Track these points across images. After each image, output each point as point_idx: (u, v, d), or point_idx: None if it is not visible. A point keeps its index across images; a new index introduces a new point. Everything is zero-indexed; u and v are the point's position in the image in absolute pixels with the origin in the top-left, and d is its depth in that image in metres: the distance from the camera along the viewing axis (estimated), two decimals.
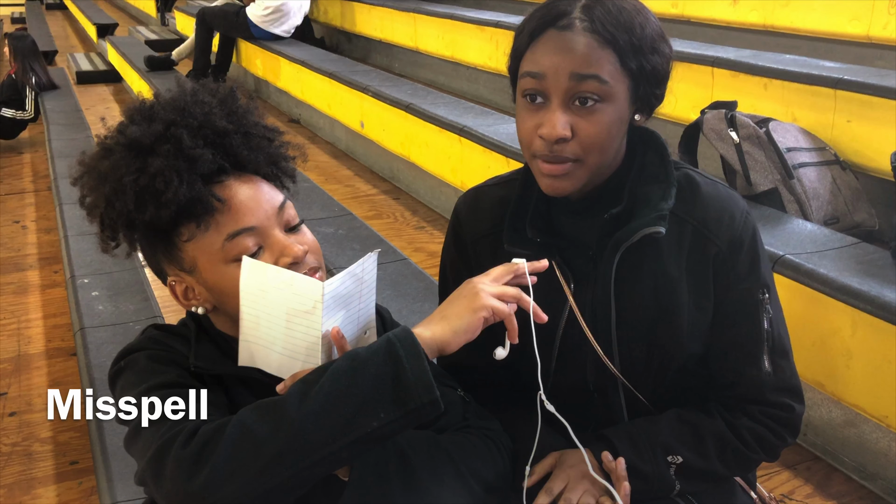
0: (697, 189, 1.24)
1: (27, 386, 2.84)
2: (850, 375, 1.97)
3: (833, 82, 2.79)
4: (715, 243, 1.21)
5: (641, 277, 1.22)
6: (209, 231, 1.06)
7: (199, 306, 1.11)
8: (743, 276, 1.22)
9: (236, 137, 1.10)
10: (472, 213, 1.34)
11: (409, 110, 4.09)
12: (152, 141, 1.06)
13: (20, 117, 6.18)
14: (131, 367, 1.08)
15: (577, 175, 1.17)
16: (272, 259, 1.05)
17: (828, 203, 2.54)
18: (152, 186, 1.04)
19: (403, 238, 3.64)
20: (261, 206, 1.08)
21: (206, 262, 1.07)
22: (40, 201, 4.92)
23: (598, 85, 1.11)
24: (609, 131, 1.14)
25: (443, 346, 1.00)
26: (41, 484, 2.30)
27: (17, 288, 3.67)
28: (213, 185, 1.07)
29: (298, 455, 0.92)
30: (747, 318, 1.23)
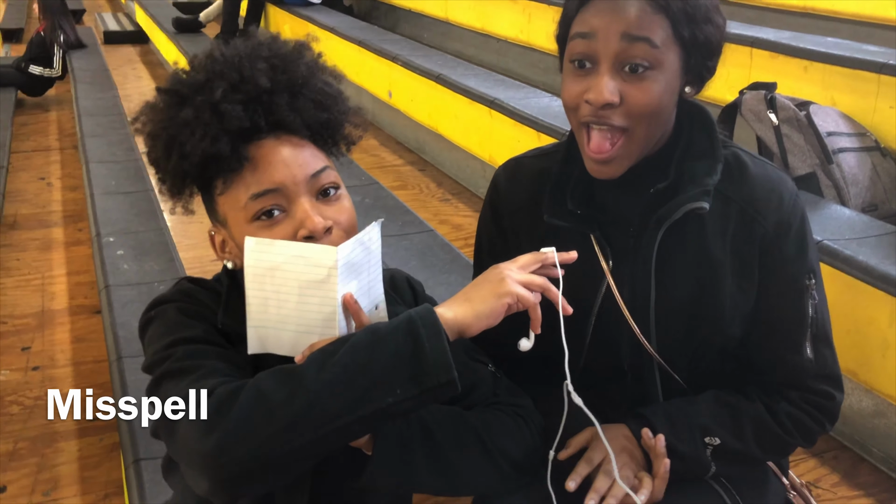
0: (745, 168, 1.20)
1: (50, 341, 2.86)
2: (885, 365, 1.94)
3: (877, 67, 2.73)
4: (762, 224, 1.18)
5: (684, 256, 1.19)
6: (236, 188, 1.05)
7: (230, 260, 1.11)
8: (789, 260, 1.19)
9: (282, 96, 1.08)
10: (512, 183, 1.31)
11: (440, 81, 4.04)
12: (190, 91, 1.07)
13: (48, 75, 6.19)
14: (161, 317, 1.08)
15: (624, 155, 1.14)
16: (291, 228, 1.03)
17: (866, 190, 2.49)
18: (177, 136, 1.05)
19: (429, 210, 3.61)
20: (290, 168, 1.05)
21: (234, 218, 1.07)
22: (66, 159, 4.93)
23: (649, 49, 1.09)
24: (659, 100, 1.11)
25: (464, 328, 0.99)
26: (63, 438, 2.32)
27: (42, 244, 3.69)
28: (248, 142, 1.05)
29: (312, 424, 0.92)
30: (792, 303, 1.20)
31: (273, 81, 1.08)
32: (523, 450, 1.14)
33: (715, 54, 1.17)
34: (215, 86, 1.05)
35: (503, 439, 1.13)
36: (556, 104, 3.53)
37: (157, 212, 3.28)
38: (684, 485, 1.19)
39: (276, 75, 1.09)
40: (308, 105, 1.10)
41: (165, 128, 1.06)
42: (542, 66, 4.48)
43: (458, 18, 5.44)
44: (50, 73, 6.18)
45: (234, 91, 1.06)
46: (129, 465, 1.80)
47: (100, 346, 2.75)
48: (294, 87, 1.10)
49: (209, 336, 1.05)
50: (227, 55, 1.10)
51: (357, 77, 5.14)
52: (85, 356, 2.75)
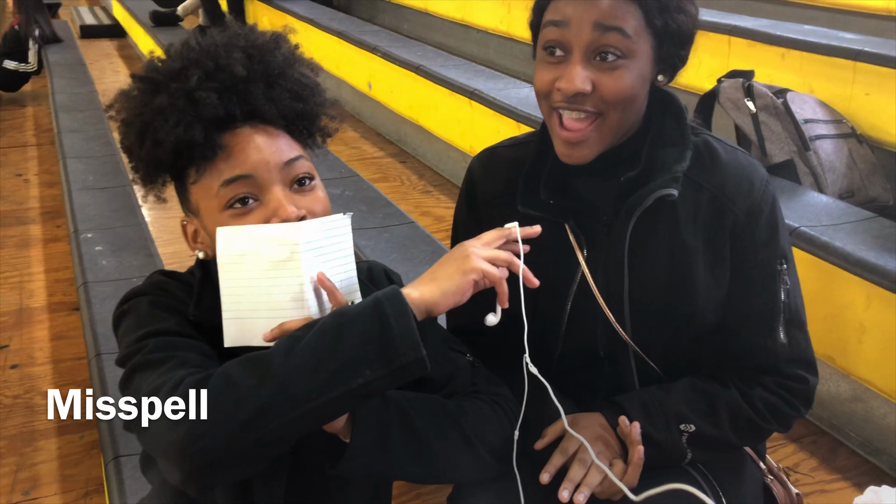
0: (716, 155, 1.21)
1: (29, 339, 2.83)
2: (861, 350, 1.96)
3: (853, 54, 2.74)
4: (733, 211, 1.19)
5: (656, 244, 1.20)
6: (209, 176, 1.05)
7: (202, 251, 1.11)
8: (761, 245, 1.20)
9: (257, 85, 1.08)
10: (486, 173, 1.32)
11: (419, 72, 4.03)
12: (165, 78, 1.06)
13: (23, 70, 6.11)
14: (133, 310, 1.08)
15: (596, 139, 1.14)
16: (263, 216, 1.03)
17: (843, 176, 2.51)
18: (151, 123, 1.04)
19: (410, 202, 3.61)
20: (263, 155, 1.05)
21: (206, 207, 1.06)
22: (43, 155, 4.88)
23: (622, 38, 1.10)
24: (631, 88, 1.12)
25: (431, 306, 0.98)
26: (43, 437, 2.30)
27: (19, 241, 3.65)
28: (223, 130, 1.05)
29: (281, 409, 0.91)
30: (764, 289, 1.21)
31: (249, 70, 1.08)
32: (501, 438, 1.15)
33: (687, 43, 1.17)
34: (190, 73, 1.05)
35: (481, 427, 1.13)
36: (534, 94, 3.52)
37: (135, 207, 3.25)
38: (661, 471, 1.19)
39: (252, 64, 1.09)
40: (284, 95, 1.09)
41: (139, 114, 1.06)
42: (522, 57, 4.47)
43: (437, 9, 5.42)
44: (25, 68, 6.10)
45: (209, 79, 1.06)
46: (108, 462, 1.79)
47: (79, 343, 2.72)
48: (270, 76, 1.09)
49: (181, 328, 1.05)
50: (203, 44, 1.09)
51: (337, 69, 5.12)
52: (64, 354, 2.72)
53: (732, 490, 1.24)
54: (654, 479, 1.15)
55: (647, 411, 1.19)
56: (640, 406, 1.19)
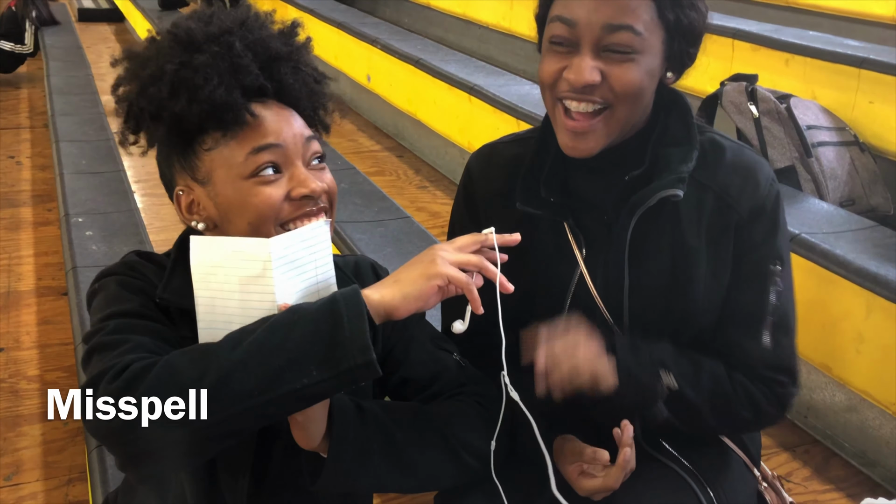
0: (722, 154, 1.19)
1: (16, 323, 2.80)
2: (859, 360, 1.94)
3: (858, 62, 2.73)
4: (736, 211, 1.17)
5: (658, 245, 1.18)
6: (233, 143, 1.04)
7: (201, 222, 1.08)
8: (757, 243, 1.18)
9: (287, 65, 1.09)
10: (486, 170, 1.29)
11: (419, 66, 4.01)
12: (204, 39, 1.06)
13: (18, 51, 6.07)
14: (103, 290, 1.06)
15: (602, 132, 1.12)
16: (286, 187, 1.03)
17: (844, 184, 2.50)
18: (192, 79, 1.02)
19: (405, 196, 3.58)
20: (291, 128, 1.06)
21: (224, 174, 1.04)
22: (36, 138, 4.84)
23: (632, 36, 1.08)
24: (640, 82, 1.11)
25: (391, 310, 0.95)
26: (27, 422, 2.27)
27: (10, 224, 3.62)
28: (251, 101, 1.05)
29: (221, 403, 0.89)
30: (754, 287, 1.19)
31: (285, 47, 1.10)
32: (486, 441, 1.12)
33: (697, 41, 1.16)
34: (232, 39, 1.06)
35: (466, 433, 1.11)
36: (535, 92, 3.50)
37: (127, 193, 3.22)
38: (656, 478, 1.18)
39: (287, 44, 1.11)
40: (308, 78, 1.12)
41: (176, 70, 1.03)
42: (524, 54, 4.45)
43: (439, 3, 5.39)
44: (21, 49, 6.06)
45: (246, 46, 1.06)
46: (92, 450, 1.77)
47: (66, 329, 2.69)
48: (297, 57, 1.12)
49: (144, 310, 1.03)
50: (236, 15, 1.10)
51: (336, 60, 5.09)
52: (51, 339, 2.69)
53: (728, 495, 1.22)
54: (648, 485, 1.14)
55: (635, 351, 1.16)
56: (629, 346, 1.16)
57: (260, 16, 1.13)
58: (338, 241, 2.59)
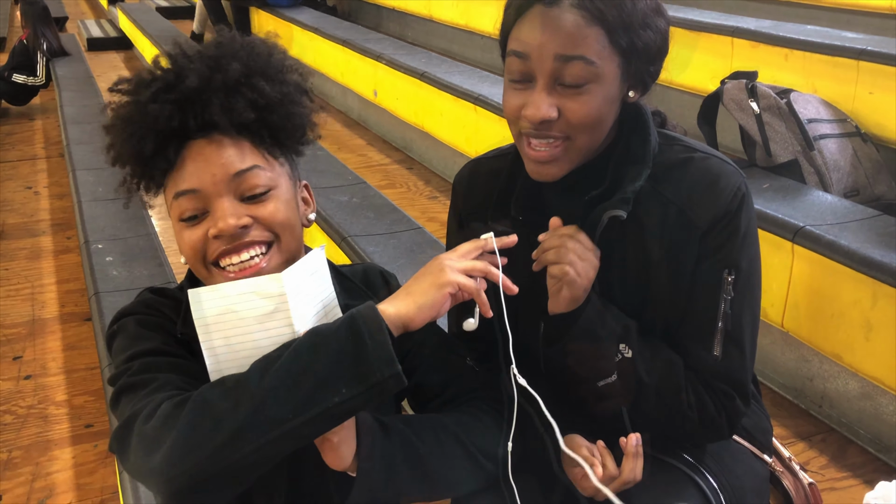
0: (688, 167, 1.18)
1: (42, 350, 2.86)
2: (869, 347, 1.96)
3: (856, 53, 2.75)
4: (696, 224, 1.16)
5: (622, 260, 1.19)
6: (167, 186, 1.08)
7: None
8: (712, 250, 1.16)
9: (216, 96, 1.05)
10: (469, 186, 1.33)
11: (424, 79, 4.05)
12: (130, 89, 1.09)
13: (31, 83, 6.17)
14: (122, 331, 1.09)
15: (565, 159, 1.14)
16: (207, 227, 1.05)
17: (848, 175, 2.51)
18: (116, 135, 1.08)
19: (416, 208, 3.63)
20: (211, 169, 1.04)
21: (172, 215, 1.09)
22: (52, 167, 4.92)
23: (584, 66, 1.08)
24: (598, 111, 1.11)
25: (407, 322, 0.98)
26: (57, 446, 2.32)
27: (30, 253, 3.69)
28: (182, 140, 1.06)
29: (258, 430, 0.91)
30: (706, 295, 1.17)
31: (203, 81, 1.06)
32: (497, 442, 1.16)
33: (657, 58, 1.16)
34: (151, 85, 1.07)
35: (483, 439, 1.14)
36: None
37: (144, 218, 3.27)
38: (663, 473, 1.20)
39: (211, 74, 1.07)
40: (243, 105, 1.06)
41: (109, 126, 1.09)
42: None
43: (441, 16, 5.44)
44: (34, 81, 6.16)
45: (167, 90, 1.06)
46: (122, 470, 1.80)
47: (91, 353, 2.75)
48: (229, 86, 1.07)
49: (167, 347, 1.06)
50: (174, 54, 1.11)
51: (342, 77, 5.14)
52: (77, 363, 2.75)
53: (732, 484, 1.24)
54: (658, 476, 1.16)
55: (601, 314, 1.17)
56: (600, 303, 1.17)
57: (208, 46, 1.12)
58: (351, 254, 2.64)
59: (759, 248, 1.21)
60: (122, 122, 1.07)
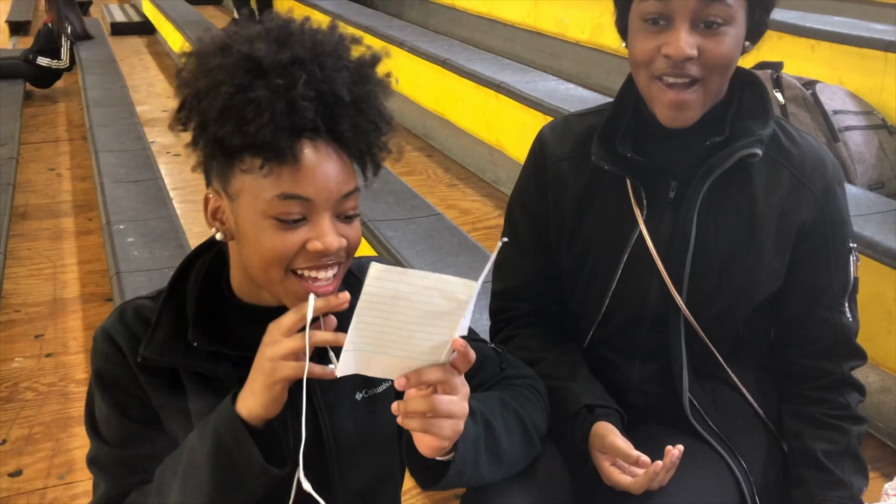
0: (792, 138, 1.25)
1: (63, 329, 2.89)
2: (891, 340, 1.94)
3: (884, 45, 2.71)
4: (811, 189, 1.23)
5: (728, 209, 1.23)
6: (268, 177, 0.99)
7: (220, 231, 1.07)
8: (838, 223, 1.25)
9: (350, 108, 1.02)
10: (558, 136, 1.35)
11: (446, 66, 4.05)
12: (270, 67, 0.99)
13: (56, 66, 6.22)
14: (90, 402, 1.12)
15: (699, 103, 1.17)
16: (304, 236, 1.00)
17: (873, 167, 2.49)
18: (242, 109, 0.97)
19: (436, 195, 3.63)
20: (328, 183, 1.00)
21: (249, 202, 1.01)
22: (75, 150, 4.96)
23: (724, 7, 1.13)
24: (732, 53, 1.16)
25: (262, 418, 0.99)
26: (77, 423, 2.35)
27: (52, 234, 3.72)
28: (300, 137, 1.00)
29: None
30: (840, 265, 1.26)
31: (351, 95, 1.01)
32: (546, 421, 1.19)
33: (771, 9, 1.21)
34: (297, 74, 0.98)
35: (535, 416, 1.16)
36: (562, 87, 3.53)
37: (166, 199, 3.30)
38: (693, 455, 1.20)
39: (354, 88, 1.02)
40: (367, 126, 1.04)
41: (231, 94, 0.98)
42: (549, 51, 4.47)
43: (464, 4, 5.43)
44: (58, 64, 6.21)
45: (311, 86, 0.99)
46: None
47: None
48: (361, 103, 1.03)
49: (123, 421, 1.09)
50: (309, 39, 1.03)
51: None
52: None
53: (756, 472, 1.25)
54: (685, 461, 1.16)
55: None
56: None
57: (339, 45, 1.04)
58: (371, 238, 2.64)
59: None
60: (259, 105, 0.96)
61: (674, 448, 1.13)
